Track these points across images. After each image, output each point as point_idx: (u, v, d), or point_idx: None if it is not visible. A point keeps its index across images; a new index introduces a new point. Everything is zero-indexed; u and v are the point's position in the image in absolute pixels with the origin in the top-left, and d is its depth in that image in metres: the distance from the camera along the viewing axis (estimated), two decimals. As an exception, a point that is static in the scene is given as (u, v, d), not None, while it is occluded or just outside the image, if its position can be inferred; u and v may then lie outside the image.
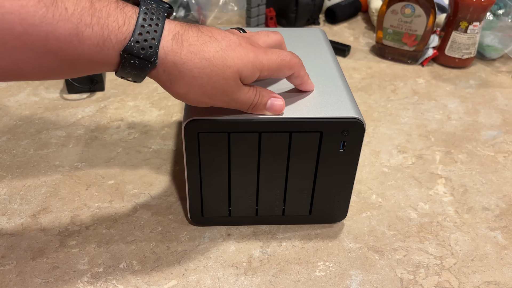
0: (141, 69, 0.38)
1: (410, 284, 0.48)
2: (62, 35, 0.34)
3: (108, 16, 0.36)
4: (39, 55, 0.34)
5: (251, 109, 0.44)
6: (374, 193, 0.60)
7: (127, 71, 0.38)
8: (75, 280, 0.47)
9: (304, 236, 0.53)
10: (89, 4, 0.35)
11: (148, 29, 0.37)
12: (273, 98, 0.45)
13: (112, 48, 0.36)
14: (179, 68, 0.38)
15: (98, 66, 0.37)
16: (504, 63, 0.94)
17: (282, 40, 0.48)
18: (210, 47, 0.39)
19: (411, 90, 0.83)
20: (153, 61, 0.38)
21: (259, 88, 0.44)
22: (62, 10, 0.34)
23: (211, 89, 0.40)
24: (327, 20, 1.10)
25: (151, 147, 0.66)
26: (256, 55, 0.41)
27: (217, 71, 0.39)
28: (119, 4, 0.37)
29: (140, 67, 0.38)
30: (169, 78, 0.39)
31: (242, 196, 0.50)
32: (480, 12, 0.84)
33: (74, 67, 0.37)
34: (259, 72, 0.42)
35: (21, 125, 0.70)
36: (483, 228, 0.55)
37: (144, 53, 0.37)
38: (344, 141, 0.46)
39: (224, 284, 0.47)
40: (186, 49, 0.38)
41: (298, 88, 0.48)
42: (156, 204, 0.57)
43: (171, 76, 0.39)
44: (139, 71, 0.38)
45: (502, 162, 0.66)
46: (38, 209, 0.55)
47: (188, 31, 0.39)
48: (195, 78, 0.39)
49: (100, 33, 0.35)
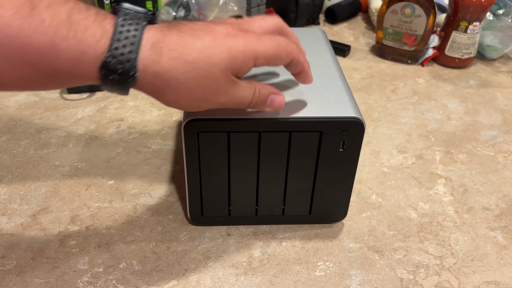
0: (122, 83, 0.36)
1: (410, 284, 0.48)
2: (38, 47, 0.33)
3: (86, 30, 0.34)
4: (17, 67, 0.34)
5: (252, 105, 0.42)
6: (374, 193, 0.60)
7: (108, 86, 0.37)
8: (75, 280, 0.47)
9: (304, 236, 0.53)
10: (66, 16, 0.34)
11: (124, 42, 0.35)
12: (273, 95, 0.43)
13: (90, 63, 0.35)
14: (162, 77, 0.36)
15: (79, 80, 0.36)
16: (504, 63, 0.94)
17: (281, 24, 0.44)
18: (192, 48, 0.36)
19: (411, 90, 0.83)
20: (133, 75, 0.35)
21: (258, 85, 0.42)
22: (39, 22, 0.33)
23: (202, 92, 0.38)
24: (327, 20, 1.10)
25: (151, 147, 0.66)
26: (247, 42, 0.38)
27: (204, 73, 0.37)
28: (99, 16, 0.35)
29: (120, 82, 0.36)
30: (155, 89, 0.37)
31: (242, 196, 0.50)
32: (480, 12, 0.84)
33: (54, 79, 0.36)
34: (253, 61, 0.39)
35: (21, 125, 0.70)
36: (483, 228, 0.55)
37: (122, 67, 0.35)
38: (344, 140, 0.46)
39: (224, 284, 0.47)
40: (167, 56, 0.36)
41: (297, 78, 0.45)
42: (156, 204, 0.57)
43: (156, 87, 0.37)
44: (120, 85, 0.36)
45: (502, 162, 0.66)
46: (38, 209, 0.55)
47: (168, 35, 0.37)
48: (181, 85, 0.37)
49: (77, 47, 0.34)
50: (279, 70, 0.52)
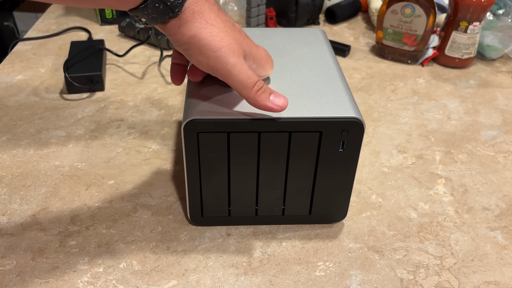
0: (162, 15, 0.39)
1: (410, 284, 0.48)
2: None
3: None
4: None
5: (256, 90, 0.43)
6: (374, 193, 0.60)
7: (147, 12, 0.39)
8: (75, 280, 0.47)
9: (304, 236, 0.53)
10: None
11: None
12: (275, 93, 0.44)
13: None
14: (196, 15, 0.40)
15: (121, 2, 0.38)
16: (504, 63, 0.94)
17: None
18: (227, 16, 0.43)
19: (411, 90, 0.83)
20: (177, 11, 0.39)
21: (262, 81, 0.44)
22: None
23: (220, 40, 0.40)
24: (327, 20, 1.10)
25: (151, 147, 0.66)
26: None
27: (231, 27, 0.42)
28: None
29: (161, 13, 0.39)
30: (179, 23, 0.40)
31: (242, 196, 0.50)
32: (480, 12, 0.84)
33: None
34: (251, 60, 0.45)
35: (21, 125, 0.70)
36: (483, 228, 0.55)
37: (172, 1, 0.38)
38: (344, 141, 0.46)
39: (224, 284, 0.47)
40: (208, 6, 0.41)
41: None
42: (156, 204, 0.57)
43: (182, 21, 0.40)
44: (159, 15, 0.39)
45: (502, 162, 0.66)
46: (38, 209, 0.55)
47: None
48: (208, 25, 0.40)
49: None
50: (279, 70, 0.52)
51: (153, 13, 0.39)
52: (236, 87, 0.43)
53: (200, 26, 0.40)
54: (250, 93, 0.43)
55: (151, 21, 0.40)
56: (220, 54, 0.40)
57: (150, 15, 0.39)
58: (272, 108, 0.43)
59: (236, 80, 0.42)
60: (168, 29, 0.40)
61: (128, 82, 0.82)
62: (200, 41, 0.40)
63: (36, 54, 0.91)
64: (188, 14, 0.39)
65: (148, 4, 0.38)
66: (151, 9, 0.38)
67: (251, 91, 0.42)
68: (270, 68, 0.48)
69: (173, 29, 0.40)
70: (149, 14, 0.39)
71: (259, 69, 0.46)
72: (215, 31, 0.40)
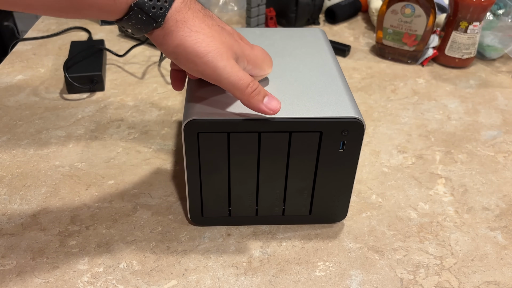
0: (145, 25, 0.39)
1: (410, 284, 0.48)
2: None
3: None
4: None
5: (250, 92, 0.43)
6: (374, 193, 0.60)
7: (131, 23, 0.39)
8: (75, 280, 0.47)
9: (304, 236, 0.53)
10: None
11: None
12: (270, 96, 0.44)
13: (125, 1, 0.38)
14: (180, 24, 0.40)
15: (105, 14, 0.38)
16: (504, 63, 0.94)
17: None
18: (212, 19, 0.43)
19: (411, 90, 0.83)
20: (159, 21, 0.39)
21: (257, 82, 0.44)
22: None
23: (206, 46, 0.40)
24: (327, 20, 1.10)
25: (151, 147, 0.66)
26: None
27: (219, 30, 0.42)
28: None
29: (145, 23, 0.39)
30: (163, 33, 0.40)
31: (242, 196, 0.50)
32: (480, 12, 0.84)
33: (82, 11, 0.38)
34: (245, 62, 0.45)
35: (21, 125, 0.70)
36: (483, 228, 0.55)
37: (154, 12, 0.39)
38: (344, 141, 0.46)
39: (224, 284, 0.47)
40: (192, 13, 0.41)
41: None
42: (156, 204, 0.57)
43: (166, 31, 0.40)
44: (142, 26, 0.39)
45: (502, 162, 0.66)
46: (38, 209, 0.55)
47: (195, 2, 0.42)
48: (192, 32, 0.40)
49: None
50: (279, 70, 0.52)
51: (137, 24, 0.39)
52: (229, 90, 0.43)
53: (184, 34, 0.40)
54: (243, 95, 0.43)
55: (136, 31, 0.40)
56: (207, 60, 0.41)
57: (134, 26, 0.39)
58: (264, 111, 0.44)
59: (227, 82, 0.42)
60: (154, 39, 0.41)
61: (128, 82, 0.82)
62: (186, 49, 0.40)
63: (36, 54, 0.91)
64: (172, 23, 0.40)
65: (131, 15, 0.39)
66: (135, 20, 0.39)
67: (244, 92, 0.43)
68: (268, 67, 0.48)
69: (159, 39, 0.41)
70: (133, 25, 0.39)
71: (255, 69, 0.46)
72: (200, 38, 0.40)
